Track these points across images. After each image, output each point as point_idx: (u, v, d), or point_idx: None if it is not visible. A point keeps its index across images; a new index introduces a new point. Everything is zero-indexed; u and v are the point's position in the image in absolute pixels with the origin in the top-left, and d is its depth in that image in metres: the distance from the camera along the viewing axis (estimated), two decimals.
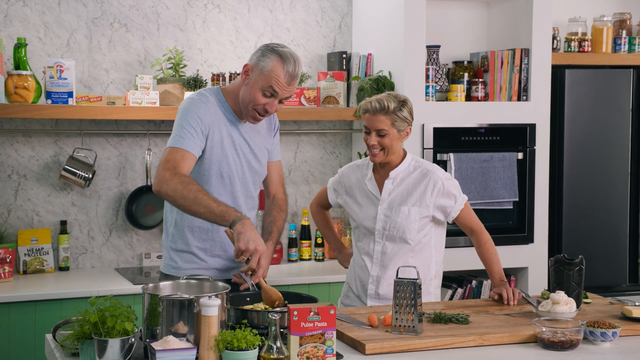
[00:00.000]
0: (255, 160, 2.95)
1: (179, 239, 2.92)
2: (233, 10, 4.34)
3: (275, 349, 2.23)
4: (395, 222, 3.08)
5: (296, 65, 2.77)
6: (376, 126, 3.03)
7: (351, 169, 3.24)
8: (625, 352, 2.53)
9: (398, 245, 3.10)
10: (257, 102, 2.79)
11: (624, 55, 4.64)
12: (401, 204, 3.09)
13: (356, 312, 2.87)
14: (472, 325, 2.71)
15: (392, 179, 3.12)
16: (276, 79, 2.75)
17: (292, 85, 2.79)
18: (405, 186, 3.11)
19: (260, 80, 2.77)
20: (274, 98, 2.78)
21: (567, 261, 2.94)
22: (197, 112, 2.80)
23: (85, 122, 4.09)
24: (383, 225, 3.10)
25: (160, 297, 2.34)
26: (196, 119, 2.79)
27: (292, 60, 2.76)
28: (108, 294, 2.43)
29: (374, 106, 3.02)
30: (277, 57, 2.76)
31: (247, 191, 2.95)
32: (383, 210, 3.11)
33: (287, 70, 2.75)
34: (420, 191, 3.09)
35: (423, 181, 3.10)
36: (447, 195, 3.10)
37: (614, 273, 4.54)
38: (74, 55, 4.08)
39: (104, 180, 4.16)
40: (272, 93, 2.77)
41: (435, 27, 4.51)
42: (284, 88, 2.77)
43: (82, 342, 2.28)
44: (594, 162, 4.49)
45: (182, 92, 4.06)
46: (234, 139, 2.88)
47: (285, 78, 2.76)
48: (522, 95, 4.34)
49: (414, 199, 3.09)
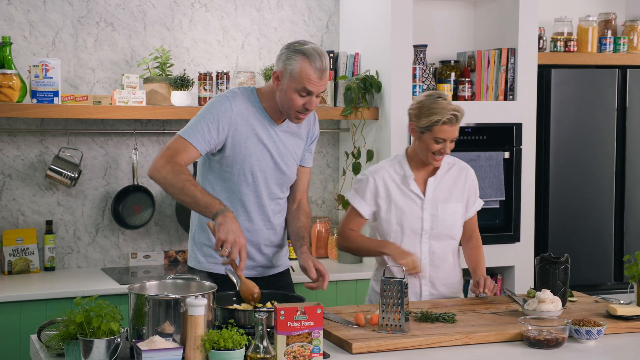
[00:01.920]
0: (283, 163, 2.94)
1: (201, 233, 2.95)
2: (220, 9, 4.33)
3: (262, 349, 2.23)
4: (443, 220, 3.13)
5: (322, 58, 2.78)
6: (453, 136, 3.05)
7: (386, 171, 3.16)
8: (610, 350, 2.55)
9: (445, 242, 3.15)
10: (296, 104, 2.81)
11: (609, 55, 4.67)
12: (446, 202, 3.14)
13: (343, 311, 2.87)
14: (459, 324, 2.72)
15: (435, 177, 3.15)
16: (307, 79, 2.76)
17: (325, 79, 2.80)
18: (445, 183, 3.17)
19: (292, 83, 2.78)
20: (310, 96, 2.80)
21: (553, 260, 2.96)
22: (218, 110, 2.83)
23: (71, 121, 4.07)
24: (430, 225, 3.12)
25: (147, 297, 2.33)
26: (214, 117, 2.81)
27: (317, 56, 2.77)
28: (94, 294, 2.42)
29: (457, 116, 3.02)
30: (302, 57, 2.77)
31: (271, 192, 2.94)
32: (428, 210, 3.12)
33: (316, 66, 2.76)
34: (460, 187, 3.18)
35: (461, 177, 3.20)
36: (474, 193, 3.23)
37: (599, 272, 4.56)
38: (60, 54, 4.07)
39: (90, 180, 4.15)
40: (308, 92, 2.79)
41: (422, 26, 4.52)
42: (317, 84, 2.79)
43: (67, 342, 2.28)
44: (580, 162, 4.51)
45: (168, 91, 4.05)
46: (261, 139, 2.88)
47: (316, 74, 2.77)
48: (509, 95, 4.36)
49: (457, 195, 3.17)
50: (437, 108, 3.02)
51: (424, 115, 3.05)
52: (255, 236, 2.94)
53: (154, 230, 4.26)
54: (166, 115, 3.98)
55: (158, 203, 4.23)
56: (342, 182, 4.46)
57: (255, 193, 2.91)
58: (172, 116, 3.98)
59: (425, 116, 3.05)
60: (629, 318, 2.78)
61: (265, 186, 2.92)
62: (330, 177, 4.58)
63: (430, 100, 3.05)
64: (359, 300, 4.00)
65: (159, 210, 4.25)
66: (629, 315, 2.79)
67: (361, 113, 4.21)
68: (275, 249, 3.01)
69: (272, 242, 2.99)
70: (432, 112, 3.02)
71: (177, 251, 4.28)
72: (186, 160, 2.78)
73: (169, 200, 4.27)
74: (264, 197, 2.92)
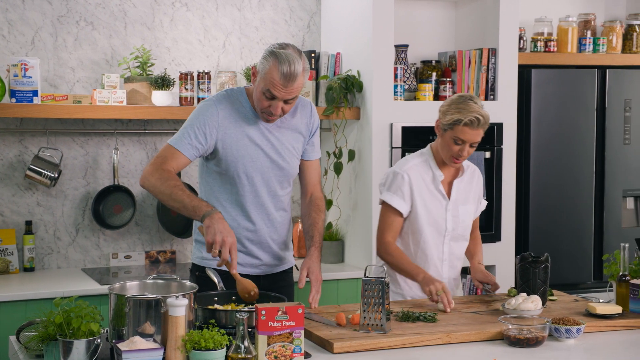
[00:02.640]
0: (280, 159, 2.93)
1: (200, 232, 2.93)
2: (201, 8, 4.32)
3: (243, 349, 2.22)
4: (463, 221, 3.18)
5: (291, 65, 2.69)
6: (474, 139, 3.05)
7: (417, 169, 3.15)
8: (589, 348, 2.57)
9: (461, 243, 3.20)
10: (262, 105, 2.80)
11: (589, 55, 4.70)
12: (464, 203, 3.18)
13: (324, 311, 2.87)
14: (440, 323, 2.72)
15: (461, 179, 3.18)
16: (272, 82, 2.73)
17: (290, 87, 2.72)
18: (463, 186, 3.20)
19: (260, 83, 2.77)
20: (275, 100, 2.77)
21: (533, 259, 2.97)
22: (204, 115, 2.84)
23: (51, 121, 4.05)
24: (453, 226, 3.15)
25: (127, 297, 2.32)
26: (200, 123, 2.83)
27: (286, 61, 2.70)
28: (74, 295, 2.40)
29: (480, 120, 3.00)
30: (273, 59, 2.73)
31: (270, 190, 2.93)
32: (451, 211, 3.15)
33: (282, 71, 2.70)
34: (474, 188, 3.23)
35: (474, 178, 3.24)
36: (482, 193, 3.29)
37: (579, 270, 4.59)
38: (39, 53, 4.04)
39: (70, 180, 4.12)
40: (272, 96, 2.75)
41: (404, 26, 4.53)
42: (281, 90, 2.73)
43: (46, 343, 2.26)
44: (560, 161, 4.54)
45: (149, 90, 4.03)
46: (253, 139, 2.87)
47: (280, 80, 2.71)
48: (490, 95, 4.38)
49: (472, 197, 3.22)
50: (462, 108, 3.02)
51: (449, 113, 3.06)
52: (257, 235, 2.94)
53: (134, 231, 4.24)
54: (147, 115, 3.96)
55: (139, 203, 4.21)
56: (323, 181, 4.46)
57: (253, 193, 2.90)
58: (153, 116, 3.97)
59: (450, 114, 3.06)
60: (608, 316, 2.80)
61: (263, 185, 2.92)
62: None
63: (460, 100, 3.06)
64: (341, 300, 4.01)
65: (140, 210, 4.23)
66: (608, 313, 2.81)
67: (343, 113, 4.21)
68: (279, 246, 3.01)
69: (275, 240, 2.98)
70: (457, 111, 3.04)
71: (158, 251, 4.26)
72: (175, 167, 2.81)
73: (150, 200, 4.25)
74: (262, 197, 2.92)
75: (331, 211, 4.41)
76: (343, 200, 4.35)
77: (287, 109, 2.81)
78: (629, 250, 2.97)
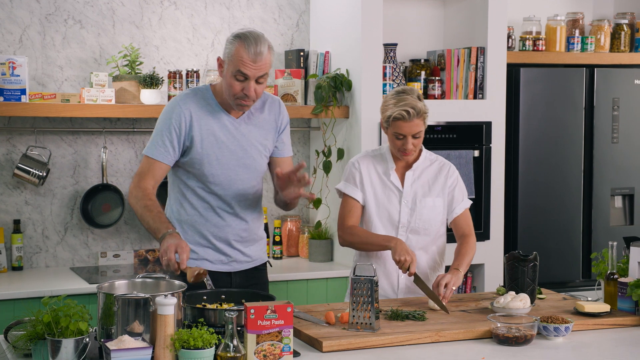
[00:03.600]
0: (246, 157, 2.92)
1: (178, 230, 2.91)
2: (190, 7, 4.31)
3: (232, 348, 2.22)
4: (421, 214, 3.11)
5: (257, 42, 2.75)
6: (412, 131, 3.01)
7: (369, 161, 3.15)
8: (577, 346, 2.58)
9: (422, 237, 3.13)
10: (235, 89, 2.79)
11: (577, 54, 4.72)
12: (425, 196, 3.12)
13: (313, 309, 2.87)
14: (429, 321, 2.73)
15: (412, 171, 3.13)
16: (241, 61, 2.75)
17: (260, 62, 2.76)
18: (425, 178, 3.15)
19: (229, 67, 2.78)
20: (248, 80, 2.78)
21: (522, 257, 2.98)
22: (171, 116, 2.85)
23: (39, 119, 4.03)
24: (408, 219, 3.11)
25: (116, 296, 2.32)
26: (168, 125, 2.84)
27: (251, 39, 2.75)
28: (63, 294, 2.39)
29: (410, 112, 2.97)
30: (237, 40, 2.77)
31: (237, 189, 2.92)
32: (407, 203, 3.11)
33: (249, 49, 2.75)
34: (441, 183, 3.15)
35: (442, 173, 3.17)
36: (460, 190, 3.19)
37: (567, 269, 4.61)
38: (27, 52, 4.02)
39: (58, 179, 4.11)
40: (244, 76, 2.77)
41: (392, 25, 4.53)
42: (251, 67, 2.75)
43: (35, 342, 2.25)
44: (549, 160, 4.55)
45: (138, 89, 4.02)
46: (219, 137, 2.87)
47: (250, 57, 2.74)
48: (478, 93, 4.39)
49: (437, 191, 3.15)
50: (394, 103, 3.01)
51: (382, 110, 3.08)
52: (224, 232, 2.93)
53: (123, 229, 4.23)
54: (136, 114, 3.95)
55: (127, 202, 4.20)
56: (312, 180, 4.46)
57: (220, 190, 2.90)
58: (141, 114, 3.96)
59: (382, 111, 3.08)
60: (597, 315, 2.82)
61: (230, 184, 2.90)
62: None
63: (391, 96, 3.06)
64: (330, 298, 4.01)
65: (129, 209, 4.22)
66: (597, 312, 2.82)
67: (332, 111, 4.21)
68: (248, 243, 3.00)
69: (244, 237, 2.97)
70: (387, 108, 3.05)
71: (147, 250, 4.25)
72: (155, 178, 2.85)
73: None
74: (229, 193, 2.91)
75: (320, 210, 4.41)
76: (332, 199, 4.35)
77: (259, 91, 2.81)
78: (617, 249, 2.98)
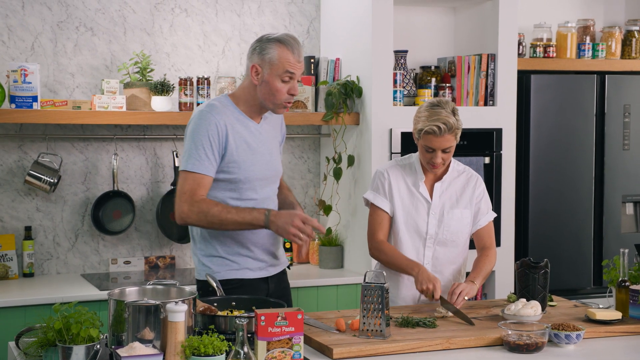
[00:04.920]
0: (272, 159, 2.98)
1: (208, 247, 2.94)
2: (200, 14, 4.32)
3: (242, 355, 2.22)
4: (449, 225, 3.10)
5: (296, 41, 2.87)
6: (443, 146, 3.00)
7: (398, 171, 3.14)
8: (589, 354, 2.57)
9: (449, 249, 3.12)
10: (281, 91, 2.86)
11: (588, 61, 4.71)
12: (453, 208, 3.11)
13: (324, 316, 2.87)
14: (439, 329, 2.72)
15: (441, 183, 3.12)
16: (287, 62, 2.84)
17: (302, 61, 2.89)
18: (453, 190, 3.14)
19: (273, 71, 2.84)
20: (293, 80, 2.86)
21: (533, 265, 2.97)
22: (207, 128, 2.83)
23: (50, 126, 4.05)
24: (435, 230, 3.10)
25: (126, 303, 2.32)
26: (206, 137, 2.82)
27: (290, 40, 2.86)
28: (73, 300, 2.40)
29: (442, 128, 2.96)
30: (277, 43, 2.85)
31: (268, 191, 2.99)
32: (435, 215, 3.10)
33: (293, 49, 2.85)
34: (469, 194, 3.14)
35: (470, 184, 3.16)
36: (485, 202, 3.17)
37: (578, 276, 4.59)
38: (39, 59, 4.04)
39: (69, 185, 4.12)
40: (290, 76, 2.85)
41: (403, 32, 4.53)
42: (297, 66, 2.86)
43: (46, 349, 2.26)
44: (559, 167, 4.54)
45: (149, 96, 4.03)
46: (250, 144, 2.90)
47: (294, 57, 2.85)
48: (489, 100, 4.38)
49: (465, 202, 3.13)
50: (428, 116, 2.99)
51: (415, 122, 3.06)
52: (259, 237, 2.96)
53: (134, 236, 4.24)
54: (146, 121, 3.96)
55: (138, 208, 4.21)
56: (323, 187, 4.46)
57: (254, 196, 2.92)
58: (152, 121, 3.97)
59: (415, 122, 3.06)
60: (608, 322, 2.80)
61: (262, 187, 2.95)
62: (312, 182, 4.58)
63: (425, 108, 3.03)
64: (340, 305, 4.00)
65: (140, 216, 4.23)
66: (608, 319, 2.81)
67: (342, 118, 4.21)
68: (277, 246, 3.05)
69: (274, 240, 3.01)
70: (420, 120, 3.02)
71: (157, 257, 4.26)
72: (205, 192, 2.83)
73: (149, 205, 4.25)
74: (260, 199, 2.94)
75: (330, 216, 4.41)
76: (342, 206, 4.35)
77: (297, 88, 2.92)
78: (628, 256, 2.97)
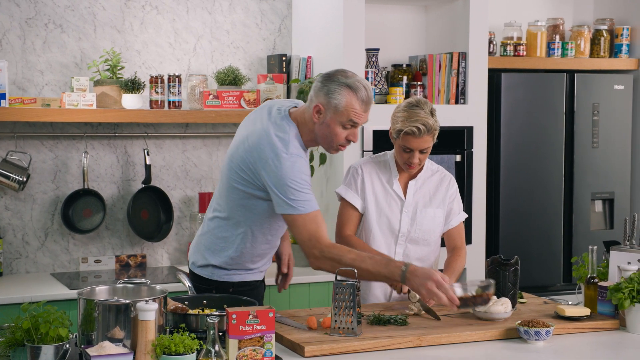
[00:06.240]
0: None
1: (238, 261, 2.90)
2: (171, 11, 4.30)
3: (213, 353, 2.21)
4: (421, 224, 3.10)
5: (367, 90, 2.73)
6: (421, 146, 2.99)
7: (372, 167, 3.13)
8: (558, 350, 2.59)
9: (420, 247, 3.13)
10: (340, 137, 2.76)
11: (558, 59, 4.75)
12: (426, 206, 3.11)
13: (296, 314, 2.87)
14: (411, 326, 2.73)
15: (415, 181, 3.12)
16: (353, 112, 2.72)
17: (369, 111, 2.76)
18: (427, 189, 3.14)
19: (337, 117, 2.73)
20: (354, 128, 2.77)
21: (503, 262, 2.99)
22: (302, 169, 2.73)
23: (19, 124, 4.01)
24: (408, 228, 3.10)
25: (96, 301, 2.30)
26: (305, 177, 2.73)
27: (361, 87, 2.72)
28: (43, 300, 2.38)
29: (421, 129, 2.94)
30: (347, 89, 2.71)
31: None
32: (408, 213, 3.10)
33: (362, 99, 2.72)
34: (442, 193, 3.15)
35: (443, 184, 3.16)
36: (457, 202, 3.18)
37: (548, 273, 4.63)
38: (7, 56, 3.99)
39: (39, 184, 4.08)
40: (353, 124, 2.75)
41: (375, 30, 4.54)
42: (362, 116, 2.74)
43: (14, 349, 2.24)
44: (530, 164, 4.58)
45: (119, 94, 4.00)
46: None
47: (362, 107, 2.72)
48: (460, 98, 4.40)
49: (438, 201, 3.14)
50: (407, 117, 2.98)
51: (393, 121, 3.05)
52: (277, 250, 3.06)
53: (105, 235, 4.21)
54: (117, 119, 3.93)
55: (109, 207, 4.18)
56: None
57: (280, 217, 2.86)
58: (123, 119, 3.94)
59: (393, 123, 3.05)
60: (577, 319, 2.83)
61: None
62: None
63: (404, 108, 3.02)
64: (312, 303, 4.01)
65: (110, 214, 4.20)
66: (577, 315, 2.84)
67: None
68: None
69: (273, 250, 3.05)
70: (398, 120, 3.01)
71: (128, 255, 4.23)
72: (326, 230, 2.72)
73: (120, 204, 4.22)
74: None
75: None
76: None
77: None
78: (597, 253, 3.00)
